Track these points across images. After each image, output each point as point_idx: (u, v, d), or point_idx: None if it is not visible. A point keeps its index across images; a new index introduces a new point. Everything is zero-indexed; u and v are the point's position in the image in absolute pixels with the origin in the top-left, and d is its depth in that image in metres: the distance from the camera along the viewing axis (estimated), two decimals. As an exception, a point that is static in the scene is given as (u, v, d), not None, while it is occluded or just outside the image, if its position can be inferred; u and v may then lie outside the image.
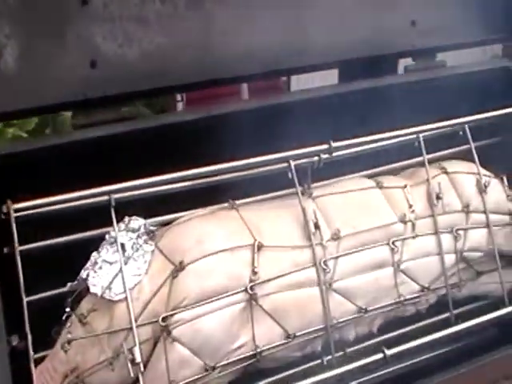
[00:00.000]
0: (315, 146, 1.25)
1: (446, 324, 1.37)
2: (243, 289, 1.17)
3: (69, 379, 1.11)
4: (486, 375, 1.25)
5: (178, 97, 2.80)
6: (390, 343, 1.34)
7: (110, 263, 1.14)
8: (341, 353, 1.29)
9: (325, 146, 1.25)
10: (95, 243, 1.17)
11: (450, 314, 1.38)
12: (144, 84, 1.26)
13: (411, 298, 1.36)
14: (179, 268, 1.14)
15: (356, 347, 1.33)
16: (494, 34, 1.75)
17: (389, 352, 1.23)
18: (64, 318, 1.13)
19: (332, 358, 1.26)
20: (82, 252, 1.15)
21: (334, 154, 1.28)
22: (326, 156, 1.26)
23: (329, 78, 1.73)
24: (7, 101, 1.14)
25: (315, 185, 1.36)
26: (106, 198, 1.11)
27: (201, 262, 1.15)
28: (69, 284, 1.16)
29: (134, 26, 1.27)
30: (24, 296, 1.05)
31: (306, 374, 1.28)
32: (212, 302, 1.14)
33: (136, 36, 1.27)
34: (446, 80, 1.62)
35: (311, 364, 1.30)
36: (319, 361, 1.29)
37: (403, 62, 1.72)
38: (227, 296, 1.16)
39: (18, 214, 1.05)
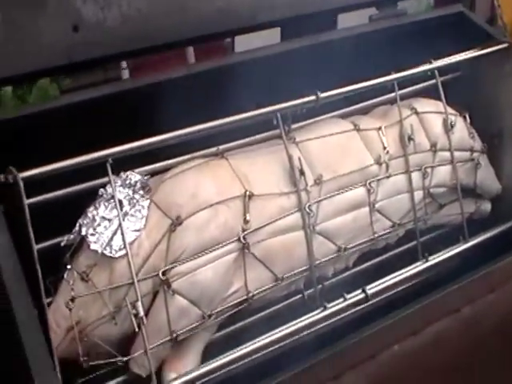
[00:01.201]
0: (302, 98, 1.23)
1: (412, 252, 1.42)
2: (236, 238, 1.17)
3: (72, 333, 1.09)
4: (451, 302, 1.28)
5: (124, 65, 2.62)
6: (365, 275, 1.41)
7: (109, 220, 1.10)
8: (320, 286, 1.31)
9: (313, 97, 1.22)
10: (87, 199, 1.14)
11: (417, 243, 1.41)
12: (125, 46, 1.23)
13: (384, 234, 1.39)
14: (176, 223, 1.12)
15: (333, 279, 1.37)
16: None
17: (370, 291, 1.25)
18: (65, 274, 1.10)
19: (315, 293, 1.28)
20: (77, 207, 1.12)
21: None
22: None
23: (271, 39, 1.66)
24: None
25: (295, 126, 1.34)
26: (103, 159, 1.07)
27: (197, 216, 1.14)
28: (65, 238, 1.13)
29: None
30: (34, 245, 1.00)
31: (289, 309, 1.33)
32: (208, 253, 1.14)
33: None
34: (408, 26, 1.64)
35: (293, 299, 1.34)
36: (300, 295, 1.33)
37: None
38: (222, 246, 1.16)
39: (25, 175, 0.99)
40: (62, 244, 1.13)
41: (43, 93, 2.43)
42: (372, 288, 1.26)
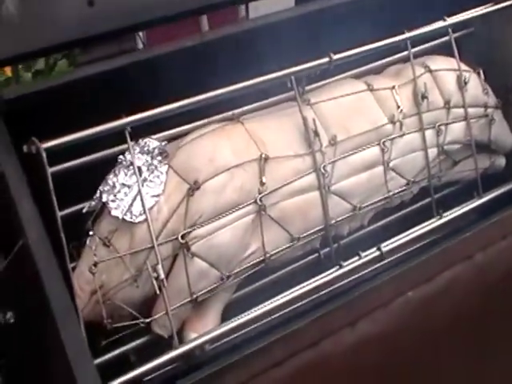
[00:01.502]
0: (316, 61, 1.22)
1: (427, 209, 1.43)
2: (253, 200, 1.18)
3: (95, 296, 1.12)
4: (463, 249, 1.29)
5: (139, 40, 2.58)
6: (381, 233, 1.42)
7: (129, 186, 1.12)
8: (335, 245, 1.33)
9: (326, 60, 1.22)
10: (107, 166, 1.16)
11: (432, 200, 1.42)
12: (140, 17, 1.21)
13: (399, 192, 1.40)
14: (194, 187, 1.13)
15: (349, 238, 1.38)
16: None
17: (385, 248, 1.27)
18: (88, 240, 1.12)
19: (331, 252, 1.30)
20: (98, 174, 1.14)
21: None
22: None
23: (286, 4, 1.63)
24: (12, 45, 1.10)
25: (309, 87, 1.34)
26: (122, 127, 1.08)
27: (214, 180, 1.15)
28: (87, 204, 1.15)
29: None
30: (57, 211, 1.02)
31: (305, 268, 1.35)
32: (226, 216, 1.16)
33: None
34: None
35: (309, 258, 1.35)
36: (316, 254, 1.35)
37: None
38: (239, 209, 1.17)
39: (47, 145, 1.01)
40: (84, 210, 1.15)
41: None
42: (387, 246, 1.28)
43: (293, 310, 1.18)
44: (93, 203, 1.14)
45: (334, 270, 1.25)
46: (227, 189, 1.16)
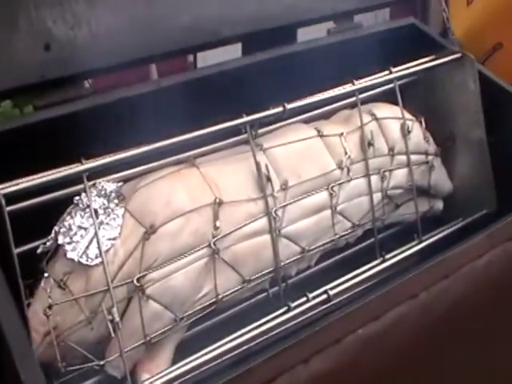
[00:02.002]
0: (270, 110, 1.27)
1: (370, 249, 1.48)
2: (207, 244, 1.20)
3: (49, 338, 1.10)
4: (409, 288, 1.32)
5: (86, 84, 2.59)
6: (327, 272, 1.47)
7: (85, 229, 1.11)
8: (284, 284, 1.36)
9: (280, 109, 1.25)
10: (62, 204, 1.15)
11: (375, 242, 1.46)
12: (97, 63, 1.26)
13: (345, 235, 1.44)
14: (150, 231, 1.13)
15: (297, 277, 1.42)
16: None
17: (332, 292, 1.30)
18: (42, 281, 1.11)
19: (279, 291, 1.33)
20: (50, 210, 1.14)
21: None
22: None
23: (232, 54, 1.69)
24: None
25: (261, 131, 1.36)
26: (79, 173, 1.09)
27: (170, 224, 1.16)
28: (41, 245, 1.13)
29: (81, 8, 1.26)
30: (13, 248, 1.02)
31: (255, 306, 1.38)
32: (180, 259, 1.16)
33: (84, 18, 1.27)
34: (364, 38, 1.72)
35: (258, 297, 1.38)
36: (265, 294, 1.37)
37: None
38: (194, 252, 1.18)
39: (6, 191, 1.02)
40: (39, 251, 1.14)
41: (6, 117, 2.40)
42: (334, 288, 1.31)
43: (246, 348, 1.19)
44: (48, 243, 1.13)
45: (283, 310, 1.27)
46: (183, 232, 1.17)
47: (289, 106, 1.26)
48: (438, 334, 1.33)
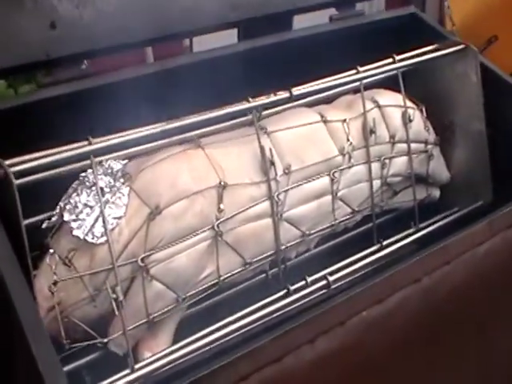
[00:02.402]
0: (277, 96, 1.27)
1: (367, 233, 1.50)
2: (210, 226, 1.20)
3: (53, 313, 1.10)
4: (411, 273, 1.33)
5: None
6: (326, 255, 1.48)
7: (91, 207, 1.11)
8: (283, 266, 1.36)
9: (287, 95, 1.25)
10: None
11: (373, 228, 1.47)
12: (101, 42, 1.26)
13: (344, 220, 1.44)
14: (156, 212, 1.13)
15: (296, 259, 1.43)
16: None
17: (331, 278, 1.30)
18: (47, 258, 1.11)
19: (279, 274, 1.35)
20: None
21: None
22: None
23: (228, 40, 1.69)
24: None
25: (265, 113, 1.36)
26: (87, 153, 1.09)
27: (175, 206, 1.15)
28: (46, 221, 1.13)
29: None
30: (22, 220, 1.02)
31: (254, 287, 1.38)
32: (184, 241, 1.16)
33: None
34: (365, 26, 1.72)
35: (257, 278, 1.38)
36: (264, 275, 1.38)
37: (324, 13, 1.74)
38: (197, 234, 1.18)
39: (16, 169, 1.01)
40: (44, 226, 1.14)
41: (0, 98, 2.37)
42: (333, 274, 1.32)
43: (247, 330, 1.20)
44: (53, 219, 1.13)
45: (282, 293, 1.28)
46: (187, 214, 1.16)
47: (295, 92, 1.26)
48: (439, 316, 1.36)
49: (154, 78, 1.36)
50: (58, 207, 1.13)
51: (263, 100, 1.23)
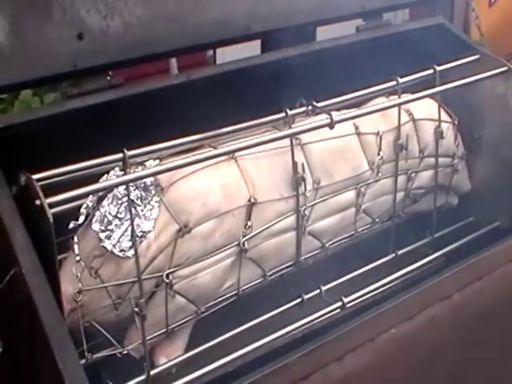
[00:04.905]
0: (307, 107, 1.24)
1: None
2: (236, 243, 1.15)
3: (74, 315, 1.06)
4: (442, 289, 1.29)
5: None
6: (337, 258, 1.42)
7: (120, 219, 1.06)
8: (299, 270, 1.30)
9: (328, 121, 1.15)
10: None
11: (392, 235, 1.42)
12: (128, 53, 1.24)
13: (364, 230, 1.39)
14: (185, 230, 1.08)
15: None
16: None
17: (346, 299, 1.25)
18: (73, 267, 1.06)
19: (296, 281, 1.30)
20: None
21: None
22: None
23: (251, 50, 1.61)
24: (2, 75, 1.10)
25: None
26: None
27: (204, 225, 1.10)
28: (72, 222, 1.07)
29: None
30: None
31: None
32: (209, 258, 1.12)
33: (117, 8, 1.22)
34: (395, 36, 1.62)
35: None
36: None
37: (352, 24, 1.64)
38: (222, 251, 1.14)
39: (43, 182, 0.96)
40: (70, 226, 1.08)
41: (26, 106, 2.26)
42: (349, 296, 1.26)
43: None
44: (80, 221, 1.08)
45: (296, 302, 1.26)
46: (216, 234, 1.12)
47: (336, 118, 1.16)
48: (470, 334, 1.32)
49: (180, 89, 1.31)
50: (85, 210, 1.08)
51: (304, 126, 1.16)
